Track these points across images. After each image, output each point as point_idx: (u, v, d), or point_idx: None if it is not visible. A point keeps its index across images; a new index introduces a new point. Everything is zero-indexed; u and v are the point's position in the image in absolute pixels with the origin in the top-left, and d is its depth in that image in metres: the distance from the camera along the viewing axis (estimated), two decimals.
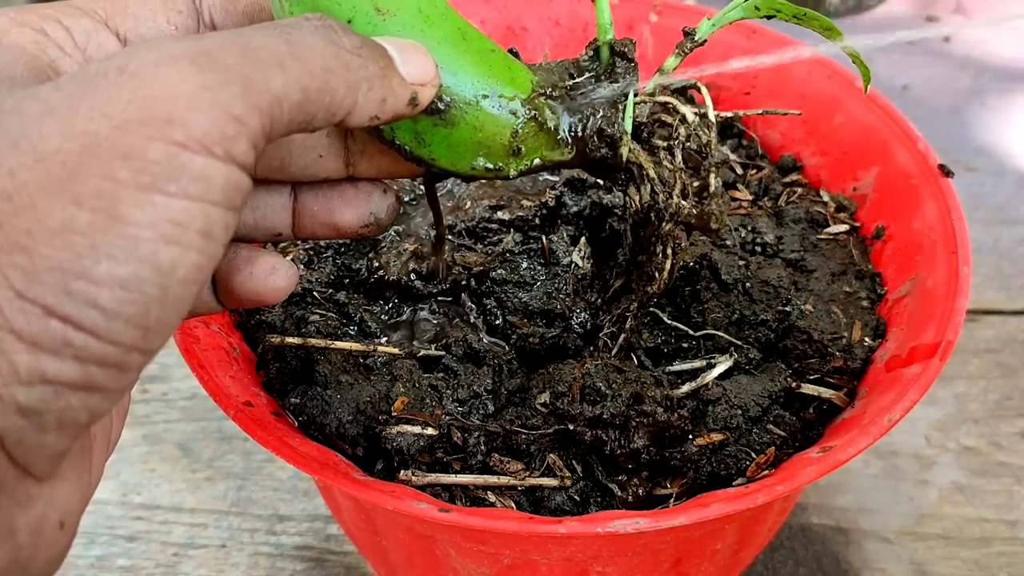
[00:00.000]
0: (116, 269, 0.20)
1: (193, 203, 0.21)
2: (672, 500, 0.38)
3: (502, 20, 0.62)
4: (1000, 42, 1.04)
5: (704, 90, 0.36)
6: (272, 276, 0.32)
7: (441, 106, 0.30)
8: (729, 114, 0.48)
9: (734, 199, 0.52)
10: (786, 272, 0.47)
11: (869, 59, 0.37)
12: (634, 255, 0.40)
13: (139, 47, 0.22)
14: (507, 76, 0.32)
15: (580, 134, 0.33)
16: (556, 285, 0.46)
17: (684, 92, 0.56)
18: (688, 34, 0.36)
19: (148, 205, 0.20)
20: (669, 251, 0.37)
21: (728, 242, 0.49)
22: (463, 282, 0.46)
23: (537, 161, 0.33)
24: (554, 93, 0.33)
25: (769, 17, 0.35)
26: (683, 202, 0.35)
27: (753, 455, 0.38)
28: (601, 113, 0.33)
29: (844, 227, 0.50)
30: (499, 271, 0.46)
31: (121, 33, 0.29)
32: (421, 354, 0.42)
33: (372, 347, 0.42)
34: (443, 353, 0.42)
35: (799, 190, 0.53)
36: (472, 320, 0.45)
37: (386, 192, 0.34)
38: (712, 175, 0.36)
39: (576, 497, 0.38)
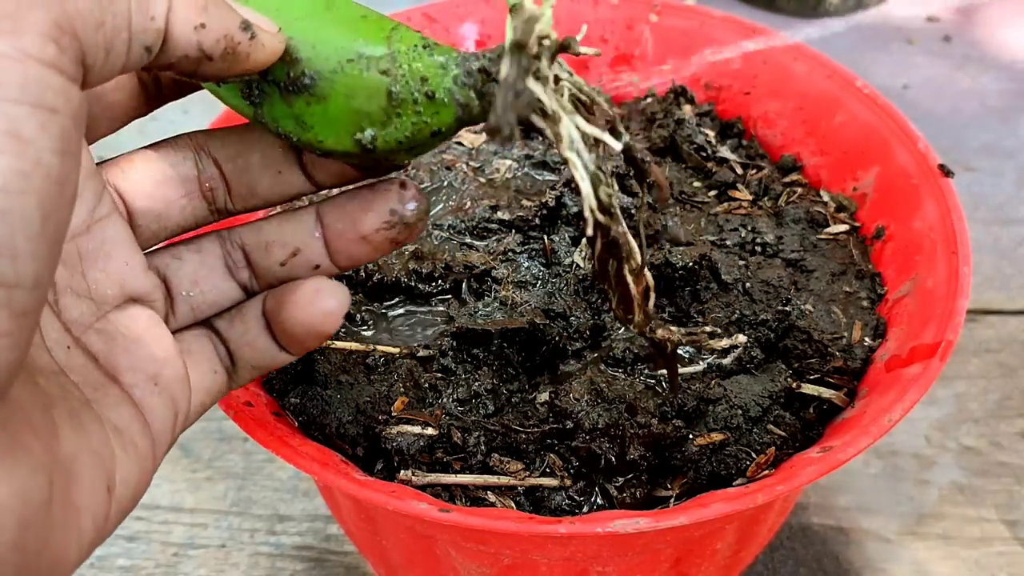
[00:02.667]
0: None
1: None
2: (672, 500, 0.38)
3: (503, 19, 0.62)
4: (1000, 42, 1.03)
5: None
6: (318, 299, 0.30)
7: (307, 81, 0.28)
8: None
9: (734, 199, 0.52)
10: (786, 272, 0.47)
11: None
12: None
13: None
14: (377, 36, 0.29)
15: (468, 81, 0.29)
16: (558, 285, 0.46)
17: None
18: None
19: None
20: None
21: (728, 242, 0.49)
22: (464, 281, 0.46)
23: (425, 122, 0.29)
24: (432, 48, 0.30)
25: None
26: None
27: (753, 455, 0.38)
28: (487, 56, 0.29)
29: (844, 227, 0.50)
30: (500, 270, 0.46)
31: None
32: (421, 354, 0.42)
33: (372, 347, 0.42)
34: (443, 353, 0.42)
35: (799, 190, 0.53)
36: (473, 319, 0.45)
37: (404, 187, 0.32)
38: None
39: (576, 497, 0.38)
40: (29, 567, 0.22)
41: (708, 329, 0.37)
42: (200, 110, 0.85)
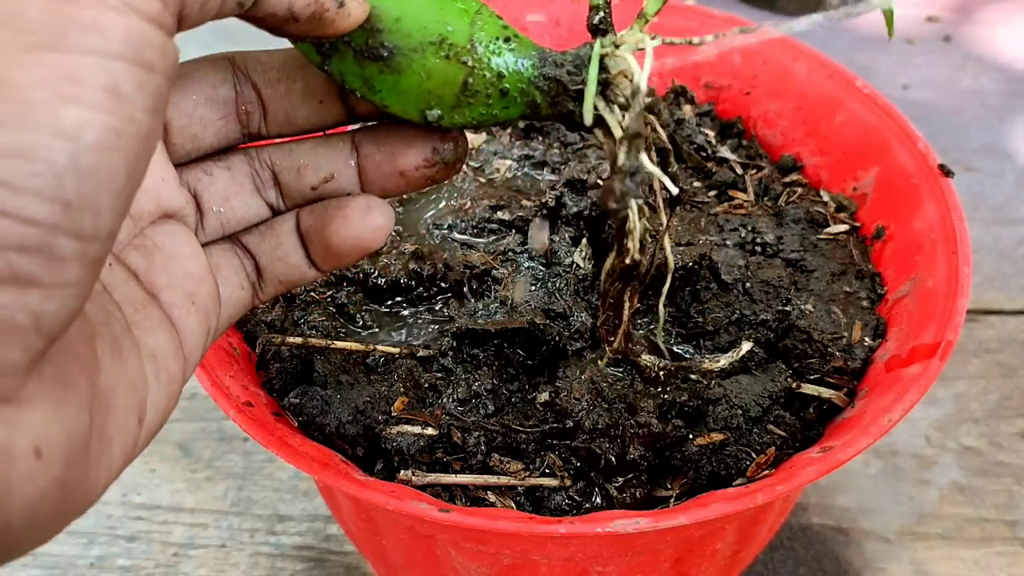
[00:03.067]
0: (11, 138, 0.18)
1: (88, 57, 0.19)
2: (672, 500, 0.38)
3: (504, 15, 0.62)
4: (1001, 42, 1.03)
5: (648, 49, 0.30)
6: (370, 215, 0.31)
7: (384, 53, 0.28)
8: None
9: (734, 199, 0.52)
10: (786, 272, 0.47)
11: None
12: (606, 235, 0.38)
13: None
14: (461, 21, 0.29)
15: (543, 86, 0.30)
16: (558, 285, 0.46)
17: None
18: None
19: (34, 65, 0.18)
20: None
21: (728, 242, 0.49)
22: (465, 281, 0.46)
23: (494, 114, 0.30)
24: (513, 42, 0.30)
25: None
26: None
27: (753, 455, 0.38)
28: (566, 67, 0.30)
29: (844, 227, 0.50)
30: (501, 270, 0.46)
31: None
32: (421, 354, 0.42)
33: (372, 347, 0.42)
34: (443, 353, 0.42)
35: (799, 190, 0.53)
36: (473, 319, 0.45)
37: (444, 136, 0.32)
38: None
39: (576, 497, 0.38)
40: (67, 501, 0.22)
41: (707, 359, 0.38)
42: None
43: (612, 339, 0.34)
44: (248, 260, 0.33)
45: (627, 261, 0.31)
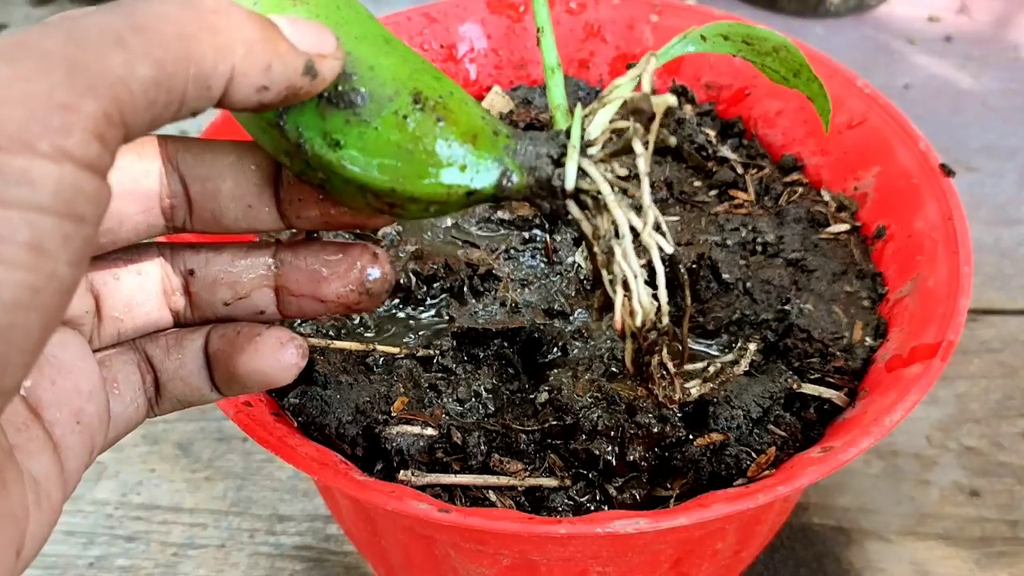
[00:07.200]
0: None
1: (12, 211, 0.17)
2: (672, 500, 0.38)
3: (502, 20, 0.62)
4: (1001, 42, 1.03)
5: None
6: (282, 352, 0.29)
7: (357, 99, 0.26)
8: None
9: (734, 199, 0.52)
10: (787, 272, 0.47)
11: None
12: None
13: None
14: (439, 84, 0.27)
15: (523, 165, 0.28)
16: (559, 284, 0.46)
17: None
18: (630, 66, 0.31)
19: None
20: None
21: (729, 242, 0.49)
22: (465, 281, 0.46)
23: (467, 180, 0.27)
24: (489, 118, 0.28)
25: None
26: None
27: (754, 455, 0.38)
28: (544, 149, 0.28)
29: (845, 227, 0.50)
30: (503, 268, 0.46)
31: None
32: (421, 354, 0.42)
33: (372, 347, 0.42)
34: (443, 353, 0.42)
35: (800, 189, 0.53)
36: (473, 319, 0.45)
37: (376, 257, 0.30)
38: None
39: (576, 497, 0.38)
40: None
41: (729, 358, 0.37)
42: None
43: (671, 395, 0.32)
44: (148, 373, 0.30)
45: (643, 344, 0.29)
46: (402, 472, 0.38)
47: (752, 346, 0.42)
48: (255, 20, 0.22)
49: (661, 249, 0.28)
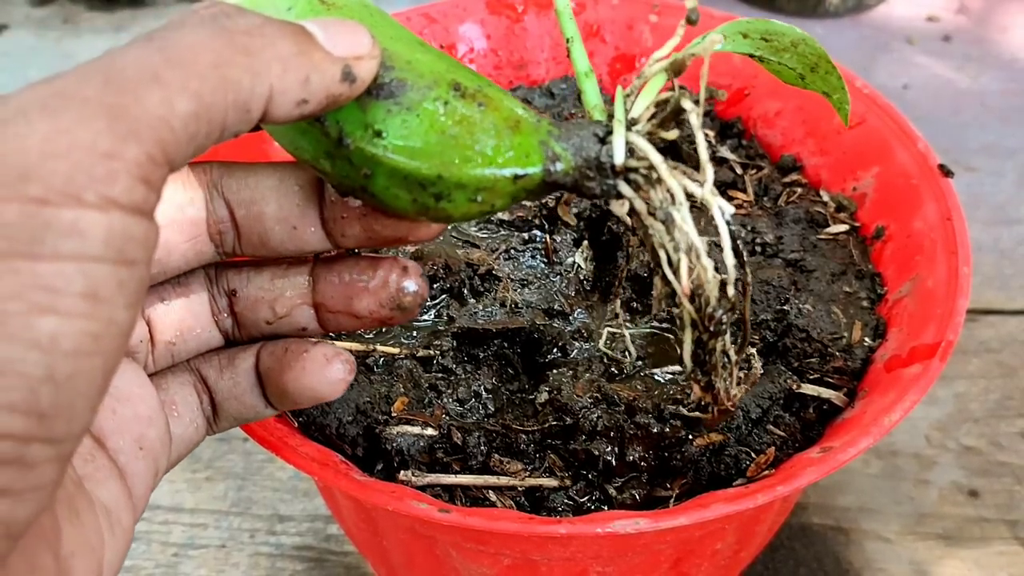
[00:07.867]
0: None
1: (66, 263, 0.18)
2: (672, 501, 0.38)
3: (502, 21, 0.62)
4: (1001, 42, 1.04)
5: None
6: (328, 368, 0.29)
7: (395, 89, 0.25)
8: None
9: (734, 199, 0.52)
10: (786, 272, 0.47)
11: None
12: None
13: None
14: (472, 77, 0.27)
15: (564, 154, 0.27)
16: (559, 285, 0.46)
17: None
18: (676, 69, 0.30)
19: (9, 274, 0.17)
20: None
21: None
22: (465, 281, 0.46)
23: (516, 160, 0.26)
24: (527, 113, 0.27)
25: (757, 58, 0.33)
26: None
27: (753, 455, 0.38)
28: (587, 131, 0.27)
29: (844, 227, 0.50)
30: (503, 269, 0.46)
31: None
32: (421, 354, 0.42)
33: (372, 347, 0.42)
34: (443, 353, 0.42)
35: (799, 190, 0.53)
36: (473, 319, 0.45)
37: (407, 271, 0.30)
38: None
39: (576, 497, 0.38)
40: None
41: (753, 365, 0.36)
42: None
43: (723, 408, 0.31)
44: (204, 393, 0.31)
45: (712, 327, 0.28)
46: (402, 472, 0.38)
47: (752, 348, 0.42)
48: (288, 33, 0.22)
49: (721, 210, 0.27)
